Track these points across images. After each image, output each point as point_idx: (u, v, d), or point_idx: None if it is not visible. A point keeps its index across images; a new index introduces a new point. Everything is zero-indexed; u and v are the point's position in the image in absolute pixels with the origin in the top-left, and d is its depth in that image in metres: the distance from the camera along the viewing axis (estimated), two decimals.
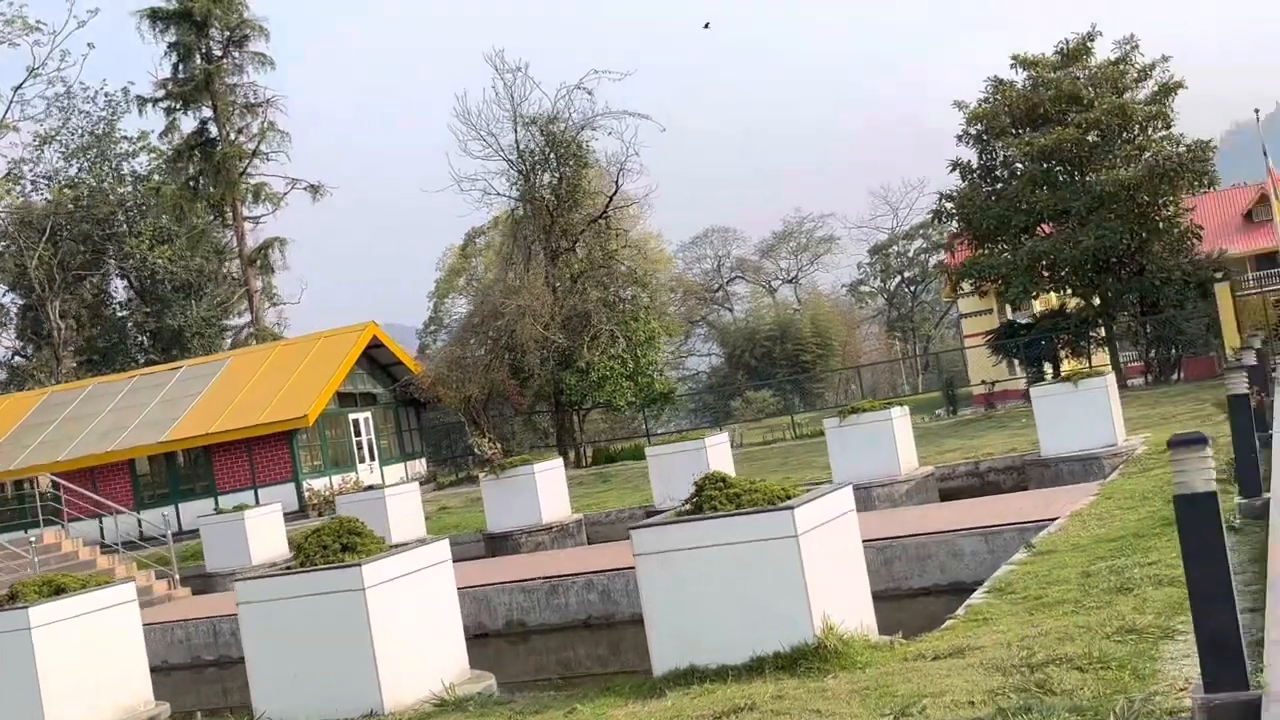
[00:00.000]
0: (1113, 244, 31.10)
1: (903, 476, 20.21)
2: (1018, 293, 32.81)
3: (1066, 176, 32.90)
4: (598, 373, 34.64)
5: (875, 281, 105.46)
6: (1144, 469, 15.97)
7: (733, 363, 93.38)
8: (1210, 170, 31.63)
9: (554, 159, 35.55)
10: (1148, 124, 32.58)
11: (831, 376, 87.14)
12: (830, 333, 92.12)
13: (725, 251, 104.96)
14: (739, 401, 76.94)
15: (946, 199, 34.16)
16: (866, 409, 20.88)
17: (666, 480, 21.90)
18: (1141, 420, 22.74)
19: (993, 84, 34.02)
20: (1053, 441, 19.28)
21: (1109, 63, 33.23)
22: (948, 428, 29.02)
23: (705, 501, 8.75)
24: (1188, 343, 31.95)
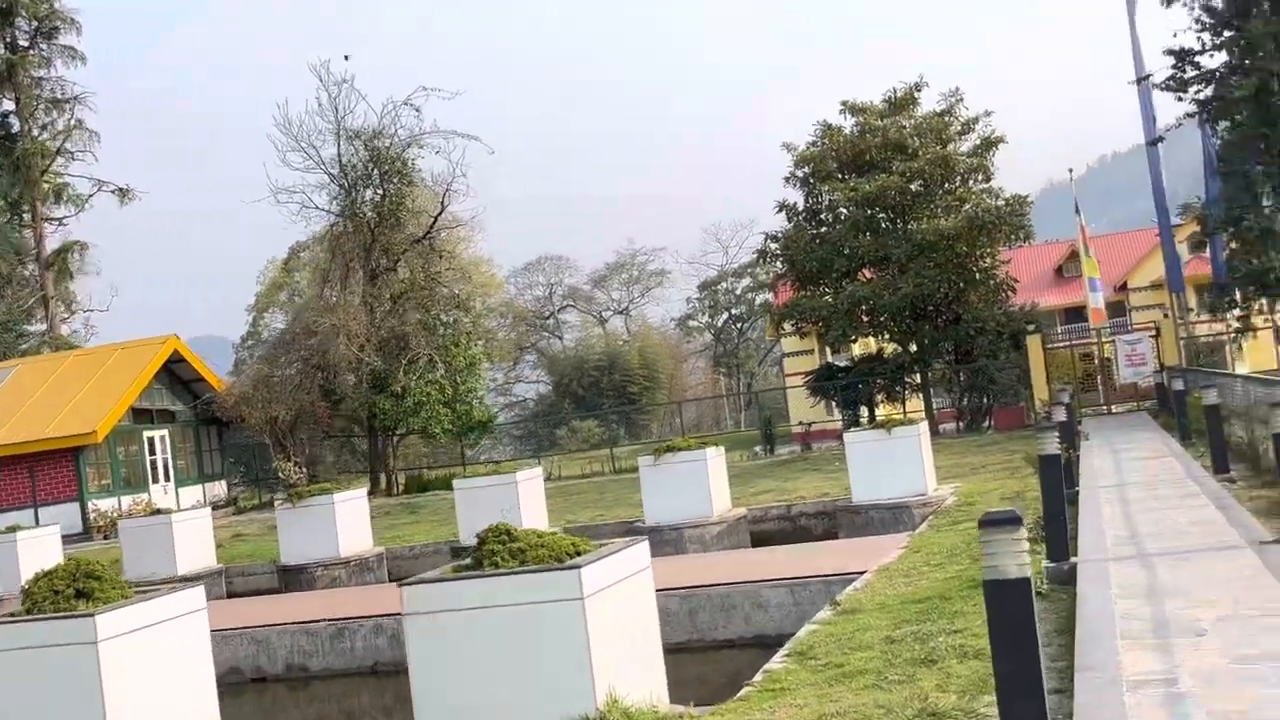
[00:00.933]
0: (930, 292, 31.50)
1: (715, 518, 19.76)
2: (837, 336, 32.98)
3: (889, 223, 33.27)
4: (413, 398, 33.45)
5: (704, 317, 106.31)
6: (953, 521, 15.79)
7: (560, 391, 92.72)
8: (1026, 224, 32.36)
9: (378, 175, 34.30)
10: (969, 176, 33.22)
11: (657, 409, 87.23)
12: (658, 365, 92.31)
13: (557, 279, 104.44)
14: (565, 431, 76.28)
15: (772, 239, 34.19)
16: (681, 448, 20.40)
17: (474, 516, 20.92)
18: (952, 469, 22.82)
19: (822, 128, 34.25)
20: (864, 488, 19.09)
21: (934, 114, 33.80)
22: (764, 467, 28.82)
23: (486, 556, 7.94)
24: (999, 392, 32.54)
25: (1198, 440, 19.38)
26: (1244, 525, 10.90)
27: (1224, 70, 26.22)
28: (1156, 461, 17.46)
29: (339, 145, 34.12)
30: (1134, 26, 27.95)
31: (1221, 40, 25.79)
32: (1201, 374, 22.93)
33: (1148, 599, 8.40)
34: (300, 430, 34.17)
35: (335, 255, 34.81)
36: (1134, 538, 11.01)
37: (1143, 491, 14.20)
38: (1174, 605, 8.06)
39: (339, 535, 21.48)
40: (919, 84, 34.19)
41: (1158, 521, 11.72)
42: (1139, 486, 14.68)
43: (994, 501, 17.19)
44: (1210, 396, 15.17)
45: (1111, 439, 22.67)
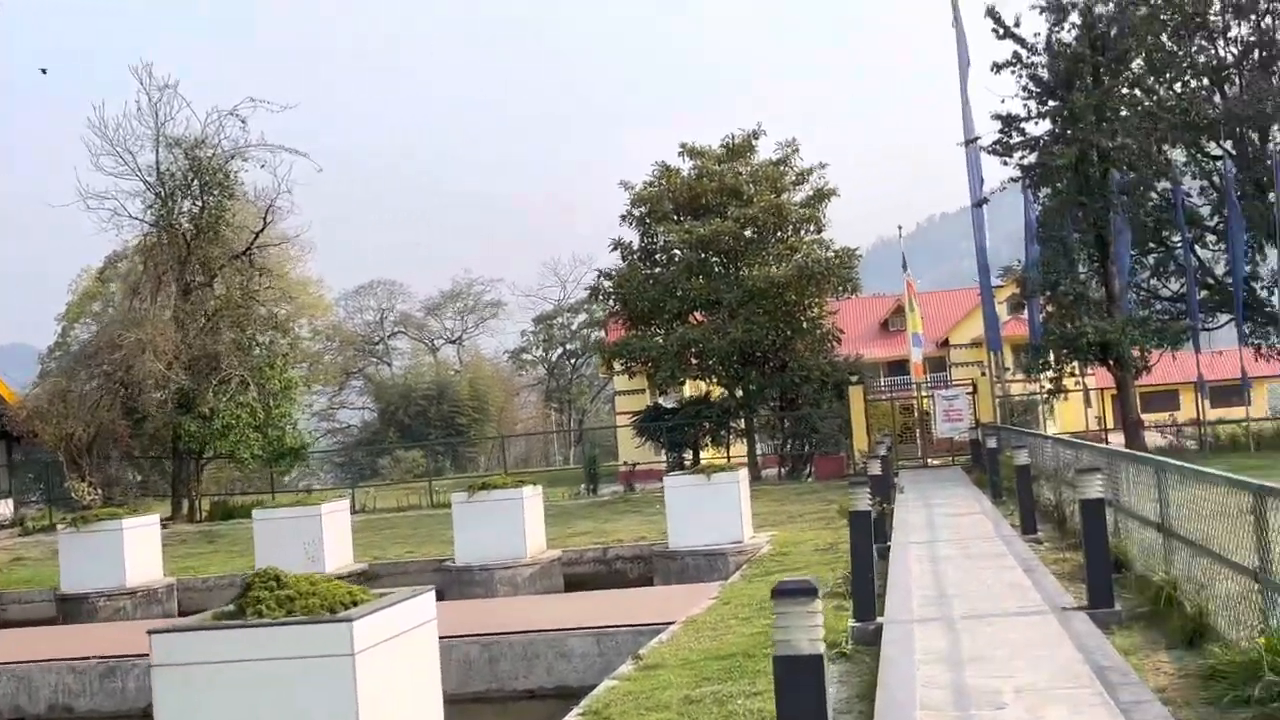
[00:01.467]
0: (759, 338, 31.65)
1: (528, 560, 19.18)
2: (666, 377, 32.86)
3: (722, 268, 33.37)
4: (222, 420, 31.96)
5: (538, 351, 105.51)
6: (765, 571, 15.55)
7: (385, 419, 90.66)
8: (854, 277, 32.88)
9: (198, 186, 32.83)
10: (801, 226, 33.62)
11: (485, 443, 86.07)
12: (488, 397, 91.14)
13: (389, 305, 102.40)
14: (388, 460, 74.49)
15: (605, 277, 33.96)
16: (497, 485, 19.81)
17: (274, 548, 19.90)
18: (770, 517, 22.73)
19: (660, 169, 34.23)
20: (681, 533, 18.76)
21: (770, 162, 34.15)
22: (585, 508, 28.34)
23: (250, 604, 7.19)
24: (821, 441, 32.82)
25: (1008, 498, 19.65)
26: (1048, 589, 10.85)
27: (1047, 138, 27.06)
28: (968, 519, 17.58)
29: (157, 152, 32.56)
30: (965, 90, 28.68)
31: (1046, 109, 26.62)
32: (1014, 433, 23.40)
33: (951, 666, 8.16)
34: (98, 449, 32.27)
35: (147, 266, 33.12)
36: (941, 598, 10.85)
37: (953, 549, 14.17)
38: (976, 674, 7.84)
39: (126, 564, 20.17)
40: (756, 132, 34.53)
41: (965, 582, 11.62)
42: (949, 544, 14.67)
43: (808, 552, 17.04)
44: (1021, 457, 15.30)
45: (926, 493, 22.90)
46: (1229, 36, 35.48)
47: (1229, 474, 8.39)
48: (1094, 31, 26.40)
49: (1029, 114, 26.94)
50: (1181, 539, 9.44)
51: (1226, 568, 8.20)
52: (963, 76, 28.81)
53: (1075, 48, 26.19)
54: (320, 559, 19.78)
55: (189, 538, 27.20)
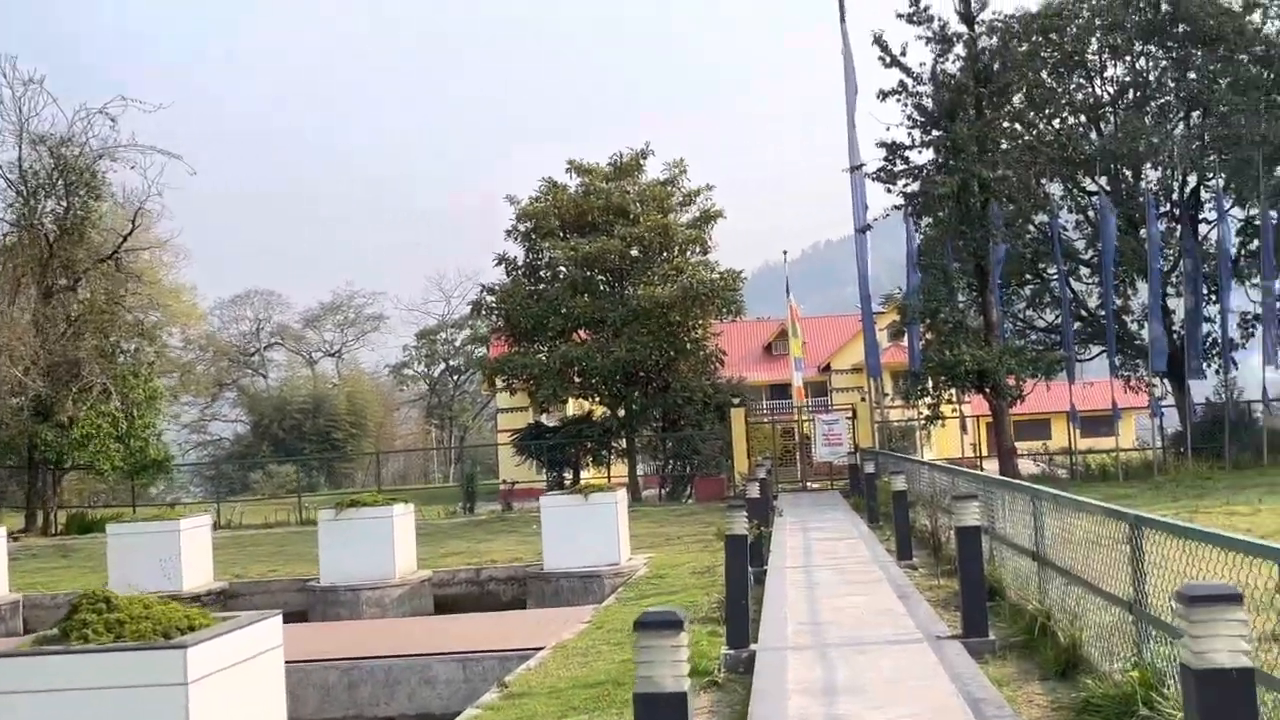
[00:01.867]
0: (643, 358, 31.43)
1: (396, 580, 18.59)
2: (548, 395, 32.44)
3: (607, 286, 33.10)
4: (81, 430, 30.61)
5: (420, 366, 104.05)
6: (640, 595, 15.22)
7: (259, 433, 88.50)
8: (738, 299, 32.88)
9: (63, 186, 31.49)
10: (687, 247, 33.52)
11: (362, 458, 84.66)
12: (366, 412, 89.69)
13: (267, 316, 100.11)
14: (261, 475, 72.66)
15: (489, 292, 33.43)
16: (367, 502, 19.18)
17: (129, 565, 19.04)
18: (649, 538, 22.44)
19: (547, 184, 33.87)
20: (557, 555, 18.36)
21: (657, 182, 34.02)
22: (460, 527, 27.72)
23: (75, 628, 6.62)
24: (702, 462, 32.69)
25: (885, 523, 19.64)
26: (922, 617, 10.70)
27: (930, 167, 27.37)
28: (845, 543, 17.49)
29: (20, 149, 31.16)
30: (852, 117, 28.90)
31: (929, 139, 26.92)
32: (892, 458, 23.48)
33: (824, 697, 7.90)
34: None
35: (5, 268, 31.63)
36: (816, 625, 10.63)
37: (829, 574, 14.01)
38: (850, 706, 7.59)
39: None
40: (645, 151, 34.41)
41: (840, 609, 11.42)
42: (826, 569, 14.51)
43: (685, 575, 16.77)
44: (898, 482, 15.23)
45: (804, 516, 22.84)
46: (1105, 76, 36.52)
47: (1105, 503, 8.30)
48: (978, 64, 26.81)
49: (913, 143, 27.24)
50: (1056, 568, 9.34)
51: (1100, 598, 8.09)
52: (850, 103, 29.02)
53: (959, 79, 26.57)
54: (177, 577, 18.92)
55: (41, 552, 25.90)
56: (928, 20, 27.65)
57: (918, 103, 27.06)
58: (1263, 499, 20.53)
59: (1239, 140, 30.40)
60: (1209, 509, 19.38)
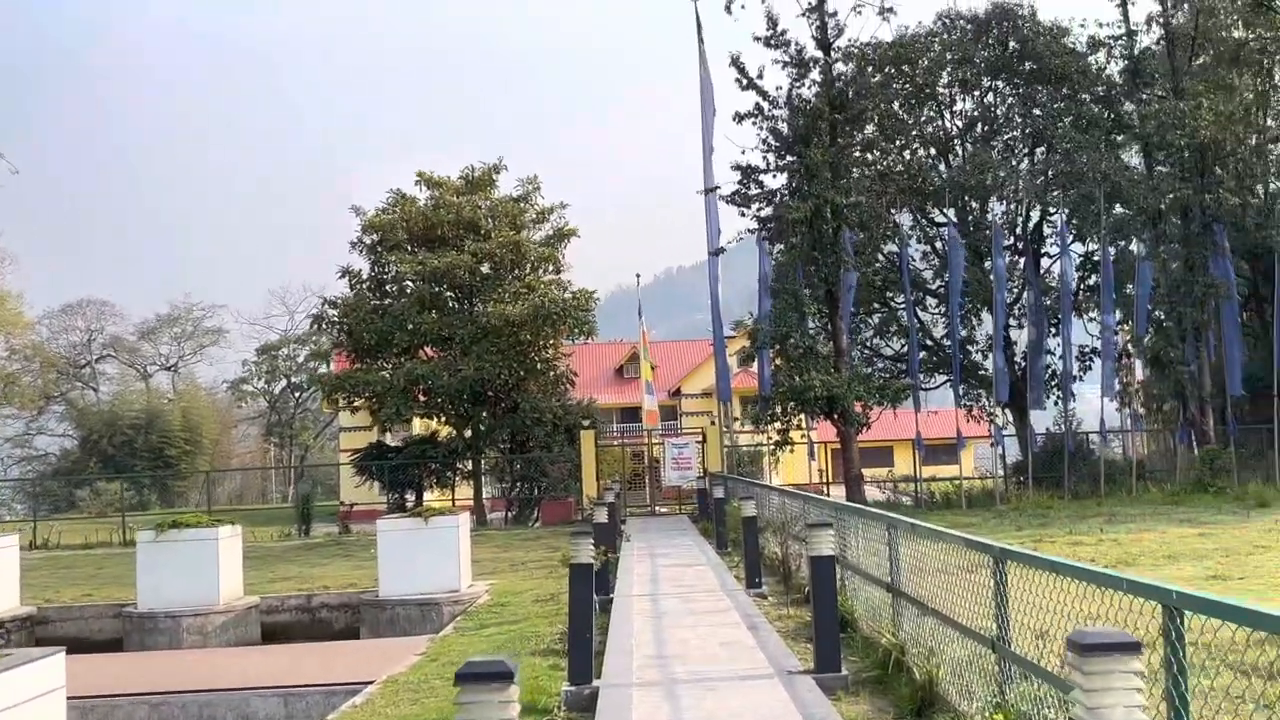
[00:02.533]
0: (491, 377, 30.63)
1: (221, 607, 17.47)
2: (391, 414, 31.30)
3: (456, 303, 32.23)
4: None
5: (259, 382, 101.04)
6: (480, 624, 14.51)
7: (87, 448, 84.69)
8: (590, 319, 32.33)
9: None
10: (539, 265, 32.88)
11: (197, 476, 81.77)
12: (202, 429, 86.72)
13: (99, 326, 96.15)
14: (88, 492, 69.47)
15: (330, 305, 32.20)
16: (190, 523, 18.00)
17: None
18: (492, 564, 21.68)
19: (396, 196, 32.86)
20: (394, 581, 17.49)
21: (510, 198, 33.32)
22: (294, 550, 26.48)
23: None
24: (550, 485, 32.02)
25: (734, 549, 19.28)
26: (773, 650, 10.26)
27: (784, 192, 27.32)
28: (693, 570, 17.03)
29: None
30: (708, 139, 28.72)
31: (784, 163, 26.88)
32: (742, 483, 23.20)
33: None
34: None
35: None
36: (662, 659, 10.09)
37: (677, 603, 13.51)
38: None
39: None
40: (498, 166, 33.68)
41: (688, 640, 10.91)
42: (674, 597, 14.01)
43: (528, 603, 16.10)
44: (748, 508, 14.85)
45: (653, 542, 22.37)
46: (955, 110, 37.27)
47: (966, 535, 7.96)
48: (833, 90, 26.90)
49: (768, 166, 27.18)
50: (911, 600, 9.00)
51: (959, 633, 7.74)
52: (706, 125, 28.85)
53: (814, 104, 26.61)
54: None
55: None
56: (785, 45, 27.68)
57: (773, 127, 27.00)
58: (1103, 528, 20.83)
59: (1081, 177, 31.24)
60: (1053, 538, 19.55)
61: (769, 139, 27.11)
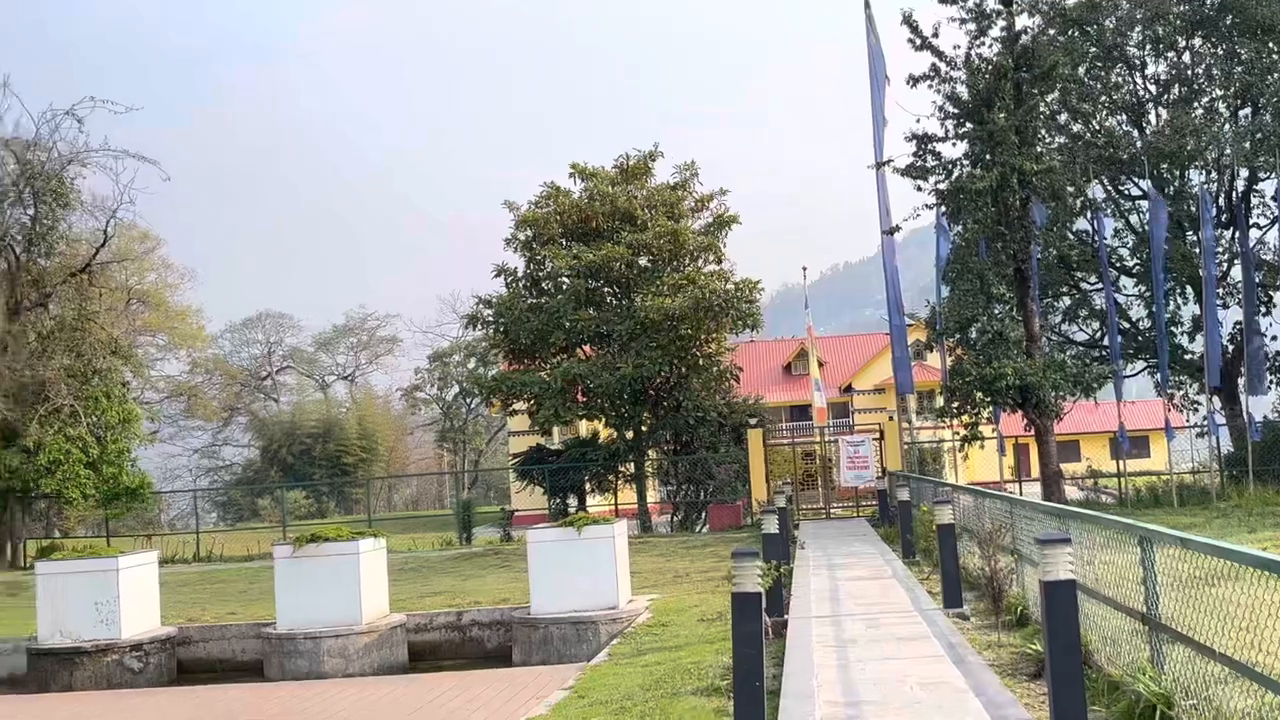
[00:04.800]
0: (651, 375, 28.97)
1: (363, 627, 16.16)
2: (549, 415, 29.82)
3: (613, 298, 30.68)
4: (48, 456, 28.33)
5: (432, 389, 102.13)
6: (637, 649, 12.78)
7: (268, 457, 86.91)
8: (755, 311, 30.36)
9: (29, 194, 29.30)
10: (699, 255, 31.06)
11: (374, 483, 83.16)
12: (377, 437, 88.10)
13: (278, 339, 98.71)
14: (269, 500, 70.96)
15: (485, 304, 30.97)
16: (330, 537, 16.74)
17: (61, 608, 16.77)
18: (654, 575, 20.00)
19: (549, 189, 31.49)
20: (545, 598, 15.94)
21: (667, 186, 31.60)
22: (451, 561, 25.27)
23: None
24: (717, 488, 30.19)
25: (923, 560, 17.18)
26: (990, 693, 8.25)
27: (965, 161, 24.93)
28: (878, 585, 15.00)
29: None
30: (878, 110, 26.51)
31: (964, 130, 24.48)
32: (929, 484, 20.96)
33: None
34: None
35: None
36: (853, 705, 8.18)
37: (863, 627, 11.53)
38: None
39: None
40: (654, 153, 31.96)
41: (882, 679, 8.95)
42: (859, 620, 12.04)
43: (691, 623, 14.32)
44: (944, 514, 12.74)
45: (829, 550, 20.34)
46: (1146, 74, 34.09)
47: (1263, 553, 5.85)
48: (1016, 46, 24.37)
49: (945, 134, 24.80)
50: (1183, 639, 6.89)
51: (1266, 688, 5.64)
52: (875, 95, 26.65)
53: (997, 62, 24.11)
54: (115, 621, 16.56)
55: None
56: None
57: (951, 91, 24.62)
58: None
59: None
60: None
61: (946, 105, 24.76)
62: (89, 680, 16.23)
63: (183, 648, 17.68)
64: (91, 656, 16.31)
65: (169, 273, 76.08)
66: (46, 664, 16.39)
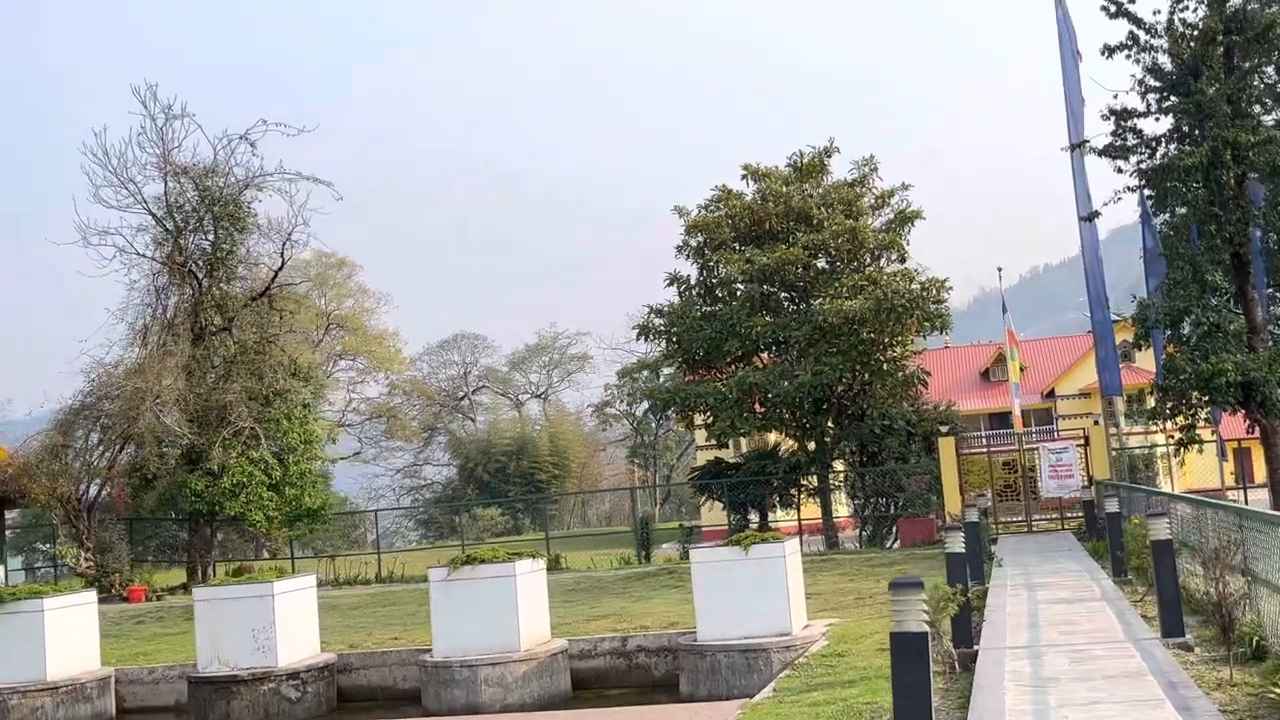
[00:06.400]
0: (832, 381, 27.42)
1: (522, 654, 15.28)
2: (725, 427, 28.55)
3: (790, 303, 29.25)
4: (232, 479, 28.62)
5: (621, 405, 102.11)
6: (807, 684, 11.46)
7: (464, 475, 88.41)
8: (944, 311, 28.48)
9: (209, 219, 29.75)
10: (880, 253, 29.36)
11: (567, 499, 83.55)
12: (569, 453, 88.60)
13: (473, 359, 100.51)
14: (465, 518, 72.03)
15: (656, 314, 29.93)
16: (486, 559, 15.94)
17: (221, 634, 16.43)
18: (835, 596, 18.59)
19: (720, 191, 30.28)
20: (713, 622, 14.77)
21: (844, 183, 30.01)
22: (624, 580, 24.27)
23: None
24: (907, 501, 28.41)
25: (1136, 579, 15.27)
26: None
27: (1170, 136, 22.61)
28: (1084, 608, 13.26)
29: (164, 182, 29.54)
30: (1072, 86, 24.45)
31: (1167, 104, 22.18)
32: (1141, 492, 18.90)
33: None
34: (97, 510, 29.18)
35: (155, 310, 30.05)
36: None
37: (1066, 662, 9.93)
38: None
39: (46, 651, 16.70)
40: (829, 149, 30.41)
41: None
42: (1061, 652, 10.43)
43: (870, 653, 12.89)
44: (1159, 528, 10.99)
45: (1029, 567, 18.52)
46: None
47: None
48: (1227, 5, 22.00)
49: (1147, 109, 22.58)
50: None
51: None
52: (1067, 73, 24.58)
53: (1205, 24, 21.80)
54: (272, 649, 16.11)
55: (169, 614, 23.74)
56: None
57: (1151, 62, 22.37)
58: None
59: None
60: None
61: (1146, 78, 22.54)
62: (246, 710, 15.80)
63: (343, 675, 17.15)
64: (248, 685, 15.88)
65: (365, 297, 78.33)
66: (204, 692, 16.05)
